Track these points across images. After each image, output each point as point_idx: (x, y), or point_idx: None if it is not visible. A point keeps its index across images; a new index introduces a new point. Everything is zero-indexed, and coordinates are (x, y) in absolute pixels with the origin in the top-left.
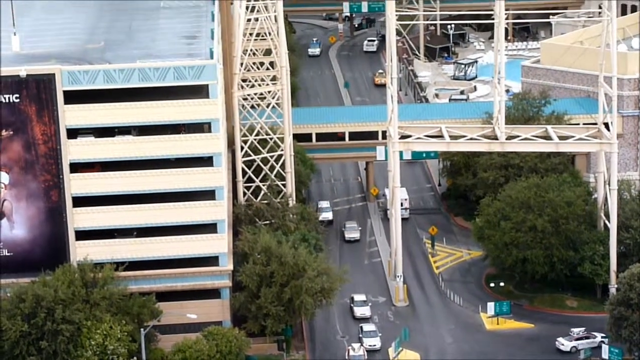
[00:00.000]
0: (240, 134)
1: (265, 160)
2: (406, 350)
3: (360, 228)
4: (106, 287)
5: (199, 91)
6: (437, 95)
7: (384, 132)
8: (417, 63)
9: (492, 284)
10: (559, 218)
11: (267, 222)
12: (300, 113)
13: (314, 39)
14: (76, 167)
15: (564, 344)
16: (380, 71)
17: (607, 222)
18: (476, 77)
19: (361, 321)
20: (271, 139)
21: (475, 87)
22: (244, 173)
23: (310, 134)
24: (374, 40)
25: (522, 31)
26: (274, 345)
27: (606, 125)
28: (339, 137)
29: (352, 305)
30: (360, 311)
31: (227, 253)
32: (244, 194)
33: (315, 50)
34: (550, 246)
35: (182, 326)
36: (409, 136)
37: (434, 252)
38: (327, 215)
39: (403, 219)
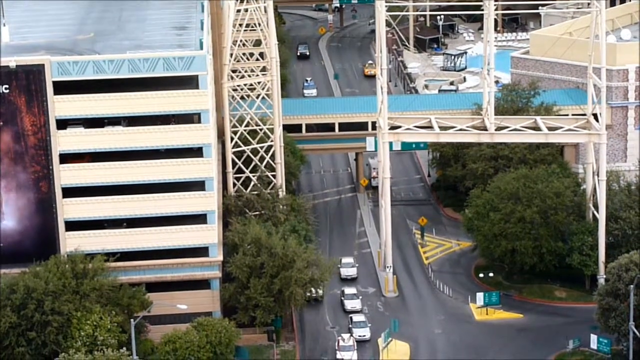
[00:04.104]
0: (230, 124)
1: (255, 151)
2: (395, 340)
3: (357, 265)
4: (96, 278)
5: (189, 82)
6: (426, 86)
7: (373, 123)
8: (406, 54)
9: (481, 275)
10: (548, 209)
11: (257, 213)
12: (290, 104)
13: (308, 79)
14: (66, 158)
15: None
16: (370, 62)
17: (595, 213)
18: (465, 68)
19: (351, 313)
20: (261, 129)
21: (464, 78)
22: (234, 164)
23: (300, 125)
24: None
25: (512, 22)
26: (264, 336)
27: (595, 116)
28: (329, 127)
29: (342, 298)
30: (351, 304)
31: (217, 244)
32: (234, 184)
33: (312, 92)
34: (539, 237)
35: (172, 317)
36: (399, 127)
37: (423, 243)
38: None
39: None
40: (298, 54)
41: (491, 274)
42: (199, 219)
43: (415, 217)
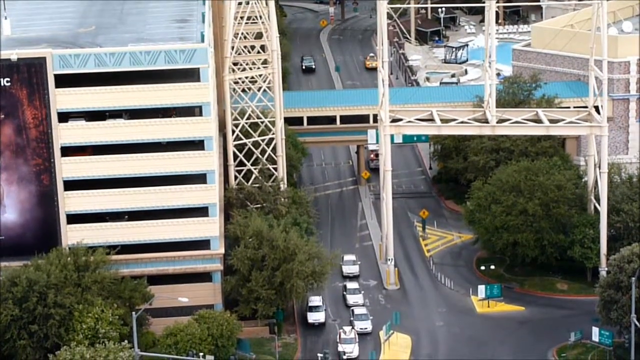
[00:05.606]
0: (231, 117)
1: (256, 144)
2: (397, 333)
3: (359, 262)
4: (98, 270)
5: (190, 75)
6: (428, 79)
7: (375, 116)
8: (408, 46)
9: (482, 267)
10: (550, 201)
11: (259, 205)
12: (291, 97)
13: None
14: (67, 151)
15: None
16: (372, 55)
17: (597, 205)
18: (467, 60)
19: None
20: (262, 122)
21: (466, 70)
22: (235, 157)
23: (302, 118)
24: None
25: (513, 14)
26: (266, 329)
27: (596, 108)
28: (330, 119)
29: (344, 293)
30: (353, 299)
31: (219, 237)
32: (235, 177)
33: None
34: (541, 230)
35: (173, 310)
36: (400, 119)
37: (424, 236)
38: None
39: None
40: (303, 67)
41: (493, 267)
42: (201, 211)
43: (417, 209)
